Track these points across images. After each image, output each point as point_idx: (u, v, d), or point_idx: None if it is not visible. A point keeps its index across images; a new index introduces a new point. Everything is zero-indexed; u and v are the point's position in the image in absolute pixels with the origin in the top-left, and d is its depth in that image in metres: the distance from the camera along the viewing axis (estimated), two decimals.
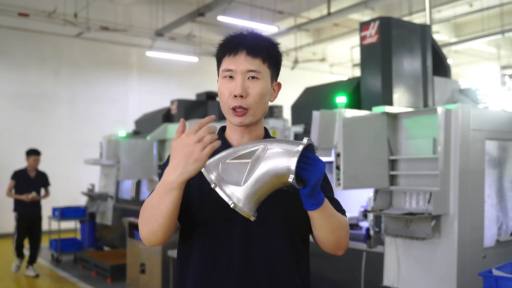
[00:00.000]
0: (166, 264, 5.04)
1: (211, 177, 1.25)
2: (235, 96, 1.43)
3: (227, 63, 1.45)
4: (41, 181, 7.21)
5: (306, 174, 1.27)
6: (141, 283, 5.40)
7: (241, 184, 1.25)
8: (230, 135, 1.53)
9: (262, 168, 1.26)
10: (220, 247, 1.42)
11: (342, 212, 1.52)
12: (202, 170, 1.25)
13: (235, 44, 1.46)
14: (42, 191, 7.24)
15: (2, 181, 10.54)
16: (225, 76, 1.46)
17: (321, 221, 1.38)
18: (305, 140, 1.27)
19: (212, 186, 1.25)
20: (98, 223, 8.03)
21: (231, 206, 1.23)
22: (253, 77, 1.44)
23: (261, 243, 1.42)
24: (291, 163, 1.23)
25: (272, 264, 1.43)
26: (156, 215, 1.31)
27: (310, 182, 1.27)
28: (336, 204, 1.52)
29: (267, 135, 1.56)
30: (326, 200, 1.37)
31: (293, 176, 1.23)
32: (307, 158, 1.28)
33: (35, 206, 7.05)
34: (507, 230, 3.74)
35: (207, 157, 1.22)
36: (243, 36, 1.48)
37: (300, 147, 1.25)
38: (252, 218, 1.26)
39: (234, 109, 1.44)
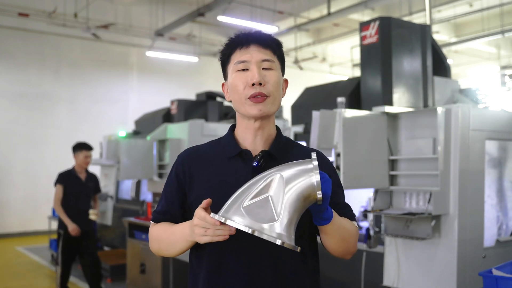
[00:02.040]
0: (166, 264, 5.04)
1: (244, 224, 1.20)
2: (253, 84, 1.41)
3: (239, 55, 1.44)
4: (93, 185, 5.65)
5: (323, 188, 1.26)
6: (141, 283, 5.39)
7: (276, 219, 1.20)
8: (242, 134, 1.50)
9: (289, 195, 1.22)
10: (227, 249, 1.42)
11: (353, 217, 1.54)
12: (228, 222, 1.22)
13: (244, 38, 1.46)
14: None
15: (2, 181, 10.56)
16: (239, 70, 1.44)
17: (331, 233, 1.40)
18: (313, 155, 1.26)
19: (249, 231, 1.19)
20: (98, 223, 8.02)
21: (279, 244, 1.19)
22: (267, 68, 1.44)
23: (268, 244, 1.42)
24: (315, 179, 1.21)
25: (279, 263, 1.43)
26: (171, 249, 1.47)
27: (327, 193, 1.27)
28: (347, 209, 1.54)
29: (279, 134, 1.54)
30: (334, 213, 1.38)
31: (320, 192, 1.21)
32: None
33: (89, 219, 5.43)
34: (507, 230, 3.74)
35: (205, 241, 1.29)
36: (249, 32, 1.49)
37: (315, 163, 1.23)
38: (298, 249, 1.22)
39: (252, 97, 1.41)
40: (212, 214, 1.24)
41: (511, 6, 11.45)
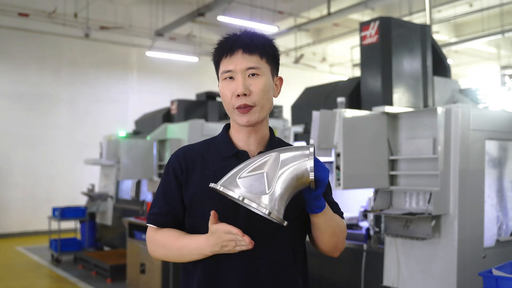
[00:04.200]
0: (166, 264, 5.04)
1: (235, 192, 1.26)
2: (238, 95, 1.42)
3: (225, 64, 1.45)
4: None
5: (319, 175, 1.29)
6: (141, 283, 5.40)
7: (267, 192, 1.26)
8: (236, 135, 1.52)
9: (282, 173, 1.28)
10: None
11: (341, 214, 1.56)
12: (222, 190, 1.27)
13: (230, 44, 1.45)
14: None
15: (2, 181, 10.56)
16: (225, 78, 1.45)
17: (323, 224, 1.42)
18: (311, 141, 1.31)
19: (240, 199, 1.25)
20: (98, 223, 8.03)
21: (265, 215, 1.24)
22: (253, 74, 1.43)
23: (264, 243, 1.43)
24: (309, 163, 1.27)
25: (275, 264, 1.44)
26: (182, 259, 1.45)
27: (324, 181, 1.30)
28: (336, 207, 1.56)
29: (272, 136, 1.56)
30: (326, 203, 1.40)
31: (312, 173, 1.27)
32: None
33: None
34: (507, 230, 3.74)
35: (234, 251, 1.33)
36: (237, 36, 1.47)
37: (312, 149, 1.28)
38: (285, 223, 1.27)
39: (238, 108, 1.43)
40: (211, 184, 1.30)
41: (511, 6, 11.44)
